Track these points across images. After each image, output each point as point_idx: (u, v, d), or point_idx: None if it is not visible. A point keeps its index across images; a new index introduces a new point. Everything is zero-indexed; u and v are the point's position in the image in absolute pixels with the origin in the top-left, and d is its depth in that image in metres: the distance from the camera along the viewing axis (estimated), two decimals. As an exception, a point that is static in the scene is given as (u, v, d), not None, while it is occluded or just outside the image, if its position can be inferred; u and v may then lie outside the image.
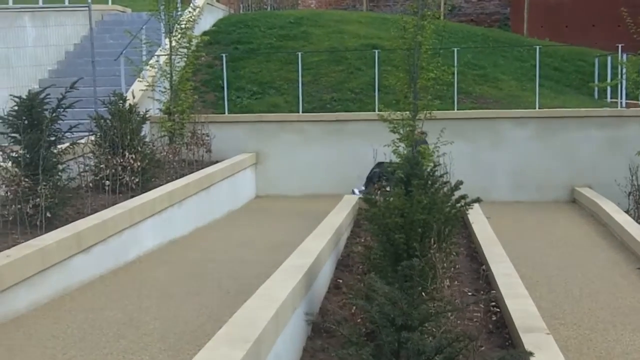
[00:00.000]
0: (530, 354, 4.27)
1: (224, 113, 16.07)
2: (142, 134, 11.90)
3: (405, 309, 4.06)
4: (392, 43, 13.14)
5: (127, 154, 10.89)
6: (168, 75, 14.44)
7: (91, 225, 8.40)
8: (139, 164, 10.90)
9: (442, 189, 7.78)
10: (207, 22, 19.47)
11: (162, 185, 11.32)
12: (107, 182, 10.28)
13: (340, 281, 8.10)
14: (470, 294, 7.47)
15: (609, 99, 16.78)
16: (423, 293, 5.53)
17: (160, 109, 14.70)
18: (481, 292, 7.27)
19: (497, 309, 6.42)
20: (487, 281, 7.77)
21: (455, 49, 15.82)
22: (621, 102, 15.87)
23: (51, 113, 9.12)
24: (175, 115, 14.29)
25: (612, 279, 8.91)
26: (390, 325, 4.12)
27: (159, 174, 12.01)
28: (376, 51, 16.18)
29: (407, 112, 12.33)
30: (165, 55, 14.84)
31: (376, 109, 15.15)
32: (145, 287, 8.04)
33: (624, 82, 15.21)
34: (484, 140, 15.10)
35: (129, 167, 10.77)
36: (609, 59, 16.82)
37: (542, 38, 22.09)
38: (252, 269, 8.88)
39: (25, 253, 7.17)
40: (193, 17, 14.94)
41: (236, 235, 11.47)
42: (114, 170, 10.57)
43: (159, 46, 16.06)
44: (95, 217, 8.84)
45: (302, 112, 15.98)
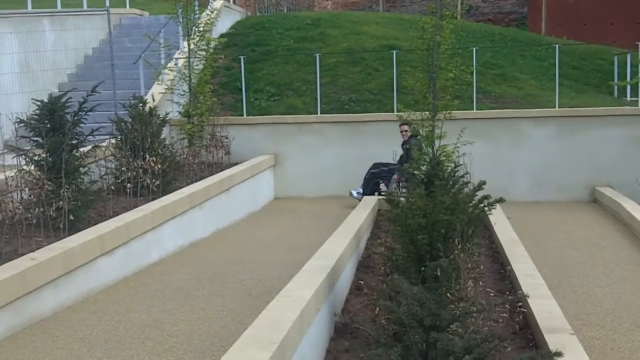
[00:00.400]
0: (560, 354, 4.25)
1: (243, 115, 16.12)
2: (162, 136, 11.95)
3: (434, 309, 4.06)
4: (410, 43, 13.15)
5: (147, 157, 10.93)
6: (187, 78, 14.49)
7: (114, 227, 8.44)
8: (159, 166, 10.93)
9: (463, 189, 7.77)
10: (224, 24, 19.52)
11: (182, 187, 11.37)
12: (129, 184, 10.32)
13: (362, 282, 8.09)
14: (493, 294, 7.44)
15: (628, 98, 16.68)
16: (448, 294, 5.52)
17: (179, 112, 14.77)
18: (507, 293, 7.23)
19: (524, 310, 6.39)
20: (509, 282, 7.74)
21: (474, 49, 15.78)
22: (641, 101, 15.79)
23: (73, 116, 9.18)
24: (195, 118, 14.34)
25: (635, 279, 8.86)
26: (419, 326, 4.12)
27: (179, 177, 12.06)
28: (394, 52, 16.17)
29: (427, 112, 12.31)
30: (184, 58, 14.90)
31: (394, 110, 15.14)
32: (169, 289, 8.07)
33: (643, 80, 15.12)
34: (504, 140, 15.06)
35: (149, 170, 10.81)
36: (628, 57, 16.73)
37: (560, 37, 21.98)
38: (273, 271, 8.90)
39: (50, 255, 7.21)
40: (211, 20, 14.99)
41: (256, 236, 11.49)
42: (135, 173, 10.61)
43: (177, 49, 16.12)
44: (118, 219, 8.88)
45: (320, 113, 16.00)
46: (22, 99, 14.45)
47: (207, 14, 15.22)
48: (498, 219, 10.45)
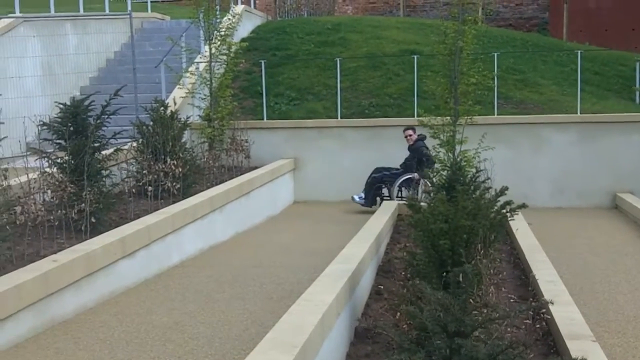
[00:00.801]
0: (584, 360, 4.22)
1: (263, 119, 16.14)
2: (183, 140, 11.98)
3: (458, 315, 4.04)
4: (431, 48, 13.13)
5: (168, 160, 10.97)
6: (208, 82, 14.54)
7: (135, 230, 8.48)
8: (180, 169, 10.97)
9: (485, 195, 7.74)
10: (245, 29, 19.55)
11: (202, 191, 11.39)
12: (150, 187, 10.36)
13: (382, 287, 8.07)
14: (513, 300, 7.40)
15: (650, 104, 16.60)
16: (471, 300, 5.49)
17: (200, 116, 14.81)
18: (529, 300, 7.19)
19: (547, 317, 6.35)
20: (531, 288, 7.69)
21: (496, 54, 15.73)
22: (663, 107, 15.70)
23: (95, 120, 9.23)
24: (215, 122, 14.38)
25: (657, 286, 8.80)
26: (442, 332, 4.10)
27: (199, 180, 12.09)
28: (415, 56, 16.14)
29: (448, 117, 12.30)
30: (205, 62, 14.95)
31: (415, 115, 15.08)
32: (189, 292, 8.09)
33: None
34: (525, 145, 15.00)
35: (170, 173, 10.85)
36: (650, 63, 16.65)
37: (582, 42, 21.89)
38: (293, 274, 8.91)
39: (72, 257, 7.25)
40: (232, 24, 15.03)
41: (276, 240, 11.50)
42: (156, 176, 10.65)
43: (199, 53, 16.18)
44: (139, 222, 8.92)
45: (341, 117, 15.99)
46: (45, 102, 14.53)
47: (229, 19, 15.27)
48: (519, 224, 10.41)
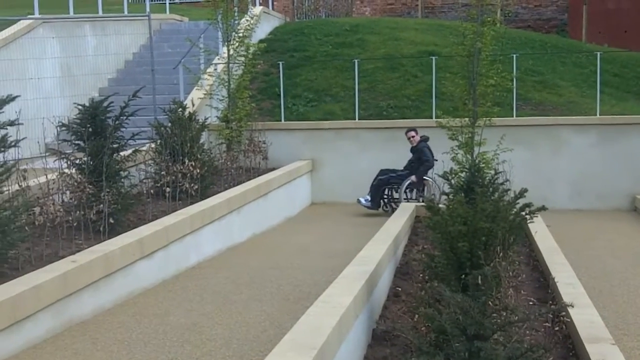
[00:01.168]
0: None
1: (281, 121, 16.15)
2: (201, 141, 12.00)
3: (478, 318, 4.02)
4: (449, 50, 13.10)
5: (186, 161, 10.99)
6: (226, 84, 14.56)
7: (153, 231, 8.49)
8: (198, 171, 10.98)
9: (504, 197, 7.70)
10: (263, 30, 19.57)
11: (220, 192, 11.41)
12: (168, 188, 10.37)
13: (400, 289, 8.04)
14: (532, 303, 7.36)
15: (670, 106, 16.46)
16: (490, 302, 5.46)
17: (218, 117, 14.83)
18: (549, 303, 7.14)
19: (567, 319, 6.30)
20: (550, 290, 7.64)
21: (514, 55, 15.66)
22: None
23: (114, 121, 9.25)
24: (233, 123, 14.41)
25: (677, 289, 8.71)
26: (461, 334, 4.07)
27: (217, 181, 12.11)
28: (433, 58, 16.10)
29: (466, 118, 12.25)
30: (223, 63, 14.97)
31: (433, 116, 15.07)
32: (207, 293, 8.10)
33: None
34: (544, 147, 14.92)
35: (188, 174, 10.86)
36: (670, 64, 16.53)
37: (601, 44, 21.75)
38: (310, 276, 8.90)
39: (90, 258, 7.27)
40: (250, 26, 15.04)
41: (293, 242, 11.49)
42: (174, 177, 10.66)
43: (217, 54, 16.20)
44: (158, 223, 8.94)
45: (358, 119, 15.98)
46: (63, 103, 14.60)
47: (247, 20, 15.29)
48: (538, 227, 10.34)
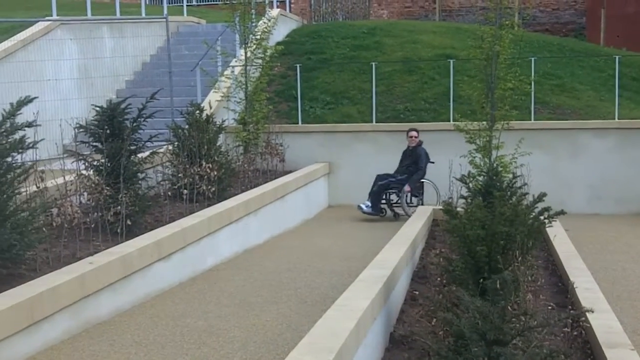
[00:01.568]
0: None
1: (298, 123, 16.14)
2: (218, 143, 12.01)
3: (497, 323, 3.98)
4: (467, 53, 13.04)
5: (204, 164, 10.99)
6: (243, 86, 14.56)
7: (171, 233, 8.49)
8: (215, 173, 10.98)
9: (522, 201, 7.65)
10: (280, 32, 19.57)
11: (237, 194, 11.41)
12: (185, 190, 10.38)
13: (417, 293, 8.02)
14: (551, 307, 7.31)
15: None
16: (509, 307, 5.42)
17: (235, 119, 14.84)
18: (568, 307, 7.10)
19: (587, 324, 6.25)
20: (569, 295, 7.59)
21: (532, 59, 15.59)
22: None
23: (132, 123, 9.27)
24: (250, 126, 14.41)
25: (697, 294, 8.64)
26: (480, 339, 4.04)
27: (234, 183, 12.10)
28: (451, 61, 16.05)
29: (484, 122, 12.21)
30: (240, 65, 14.98)
31: (451, 119, 15.02)
32: (224, 295, 8.09)
33: None
34: (562, 151, 14.85)
35: (205, 177, 10.86)
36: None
37: (619, 47, 21.63)
38: (327, 279, 8.89)
39: (108, 260, 7.27)
40: (268, 28, 15.05)
41: (310, 244, 11.47)
42: (191, 179, 10.67)
43: (234, 57, 16.22)
44: (175, 225, 8.93)
45: (375, 122, 15.95)
46: (81, 105, 14.68)
47: (264, 22, 15.29)
48: (557, 231, 10.28)
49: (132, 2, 24.00)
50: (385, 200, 14.13)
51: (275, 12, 19.58)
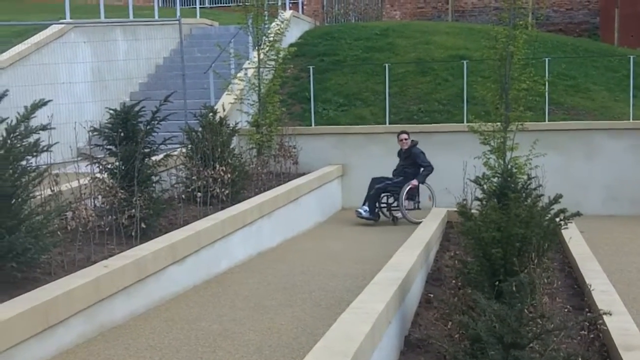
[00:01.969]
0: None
1: (311, 125, 16.11)
2: (232, 146, 12.00)
3: (514, 326, 3.95)
4: (481, 53, 13.00)
5: (217, 166, 10.98)
6: (256, 88, 14.57)
7: (185, 236, 8.48)
8: (229, 175, 10.97)
9: (537, 202, 7.60)
10: (293, 34, 19.57)
11: (250, 197, 11.39)
12: (199, 193, 10.38)
13: (432, 295, 7.98)
14: (568, 310, 7.26)
15: None
16: (526, 310, 5.38)
17: (248, 122, 14.84)
18: (585, 310, 7.05)
19: (604, 327, 6.21)
20: (585, 297, 7.55)
21: (547, 59, 15.52)
22: None
23: (146, 125, 9.27)
24: (263, 128, 14.41)
25: None
26: (497, 343, 4.01)
27: (247, 186, 12.08)
28: (464, 62, 15.99)
29: (498, 123, 12.16)
30: (253, 68, 14.99)
31: (464, 120, 14.96)
32: (238, 299, 8.08)
33: None
34: (577, 152, 14.78)
35: (219, 179, 10.86)
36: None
37: (633, 47, 21.52)
38: (341, 282, 8.86)
39: (122, 263, 7.27)
40: (280, 30, 15.05)
41: (324, 247, 11.45)
42: (205, 182, 10.67)
43: (247, 59, 16.22)
44: (189, 228, 8.92)
45: (389, 123, 15.91)
46: (95, 108, 14.70)
47: (277, 24, 15.30)
48: (572, 233, 10.23)
49: (145, 5, 24.06)
50: (385, 204, 14.02)
51: (288, 13, 19.56)
